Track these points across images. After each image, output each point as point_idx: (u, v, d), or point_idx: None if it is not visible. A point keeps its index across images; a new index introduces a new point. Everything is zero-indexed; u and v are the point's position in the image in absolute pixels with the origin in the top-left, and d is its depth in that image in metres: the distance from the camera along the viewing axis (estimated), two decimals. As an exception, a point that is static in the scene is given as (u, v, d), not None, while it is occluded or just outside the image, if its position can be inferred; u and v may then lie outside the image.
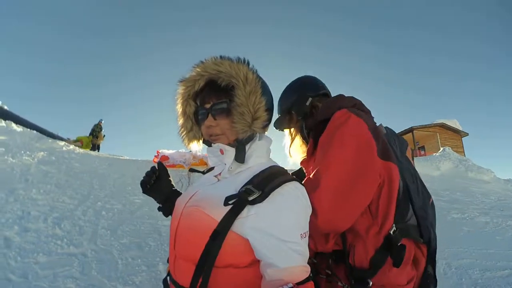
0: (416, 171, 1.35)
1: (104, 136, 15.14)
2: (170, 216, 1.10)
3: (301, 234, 0.84)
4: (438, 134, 23.36)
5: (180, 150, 9.05)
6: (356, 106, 1.31)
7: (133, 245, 3.55)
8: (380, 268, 1.11)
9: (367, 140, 1.15)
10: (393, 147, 1.28)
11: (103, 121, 15.38)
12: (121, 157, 10.84)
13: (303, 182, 1.06)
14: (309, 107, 1.44)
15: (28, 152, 5.71)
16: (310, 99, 1.44)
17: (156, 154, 8.92)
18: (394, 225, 1.14)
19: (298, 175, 1.44)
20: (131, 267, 3.07)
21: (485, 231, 5.62)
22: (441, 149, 15.44)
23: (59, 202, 4.26)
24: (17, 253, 2.89)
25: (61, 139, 8.55)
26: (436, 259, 1.31)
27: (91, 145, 14.38)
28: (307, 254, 0.86)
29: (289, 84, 1.55)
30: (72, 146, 8.00)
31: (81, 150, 7.96)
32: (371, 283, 1.11)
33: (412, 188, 1.23)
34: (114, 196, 5.04)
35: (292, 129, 1.53)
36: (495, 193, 9.52)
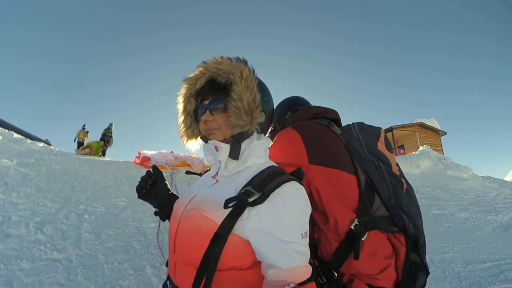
0: (384, 162, 1.41)
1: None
2: (157, 218, 1.11)
3: (302, 234, 0.85)
4: (417, 133, 23.96)
5: (162, 151, 8.94)
6: (318, 115, 1.53)
7: (119, 248, 3.48)
8: (342, 262, 1.18)
9: (295, 146, 1.33)
10: (354, 145, 1.39)
11: (113, 125, 14.67)
12: (101, 159, 10.65)
13: None
14: (288, 120, 1.67)
15: (6, 154, 5.53)
16: (289, 113, 1.68)
17: (138, 155, 8.78)
18: (356, 219, 1.20)
19: (297, 175, 1.49)
20: (118, 271, 2.99)
21: (465, 226, 5.79)
22: (420, 147, 15.79)
23: (40, 206, 4.13)
24: (0, 260, 2.79)
25: (40, 140, 8.31)
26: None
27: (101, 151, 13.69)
28: (308, 254, 0.86)
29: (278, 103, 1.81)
30: (49, 148, 7.76)
31: (56, 150, 7.73)
32: (336, 275, 1.15)
33: (377, 180, 1.30)
34: (96, 199, 4.92)
35: None
36: (473, 189, 9.83)
